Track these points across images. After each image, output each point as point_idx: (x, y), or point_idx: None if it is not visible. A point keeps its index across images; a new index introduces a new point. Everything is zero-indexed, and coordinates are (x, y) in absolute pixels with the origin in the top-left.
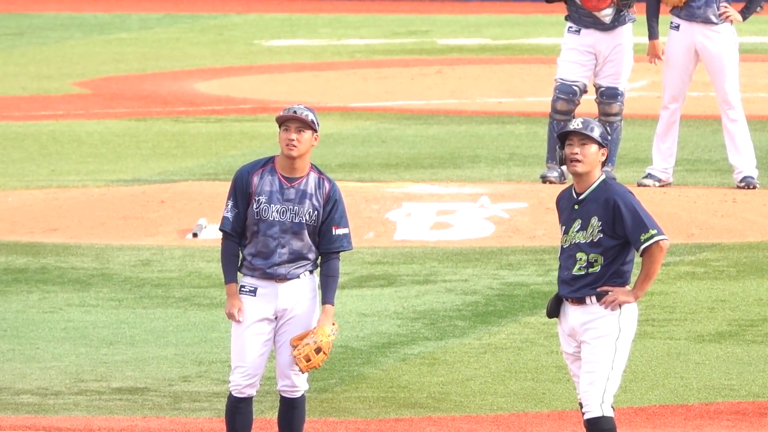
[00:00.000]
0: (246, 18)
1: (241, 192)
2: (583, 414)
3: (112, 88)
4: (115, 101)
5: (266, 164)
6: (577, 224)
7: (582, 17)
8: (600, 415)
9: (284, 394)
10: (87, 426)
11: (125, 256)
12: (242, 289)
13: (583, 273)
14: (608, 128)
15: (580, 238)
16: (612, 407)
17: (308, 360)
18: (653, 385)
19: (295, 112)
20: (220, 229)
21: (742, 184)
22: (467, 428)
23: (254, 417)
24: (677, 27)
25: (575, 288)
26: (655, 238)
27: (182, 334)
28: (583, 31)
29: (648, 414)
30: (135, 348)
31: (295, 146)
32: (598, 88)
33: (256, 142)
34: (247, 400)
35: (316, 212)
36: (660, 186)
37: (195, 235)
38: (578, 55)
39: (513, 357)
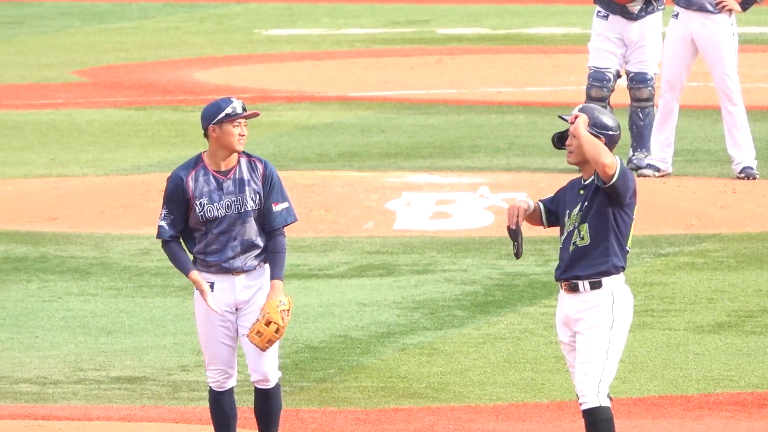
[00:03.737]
0: (246, 7)
1: (177, 198)
2: (580, 405)
3: (112, 77)
4: (115, 90)
5: (197, 164)
6: (578, 208)
7: (611, 3)
8: (597, 405)
9: (257, 386)
10: (86, 415)
11: (125, 245)
12: None
13: (574, 248)
14: (640, 114)
15: (579, 219)
16: (609, 397)
17: (260, 335)
18: (652, 375)
19: (244, 108)
20: (158, 238)
21: (742, 175)
22: (466, 418)
23: (239, 405)
24: (676, 15)
25: (567, 264)
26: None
27: (181, 324)
28: (611, 17)
29: (647, 404)
30: (134, 337)
31: (244, 139)
32: (628, 74)
33: (255, 131)
34: (228, 392)
35: (258, 195)
36: (659, 176)
37: None
38: (607, 42)
39: (512, 347)
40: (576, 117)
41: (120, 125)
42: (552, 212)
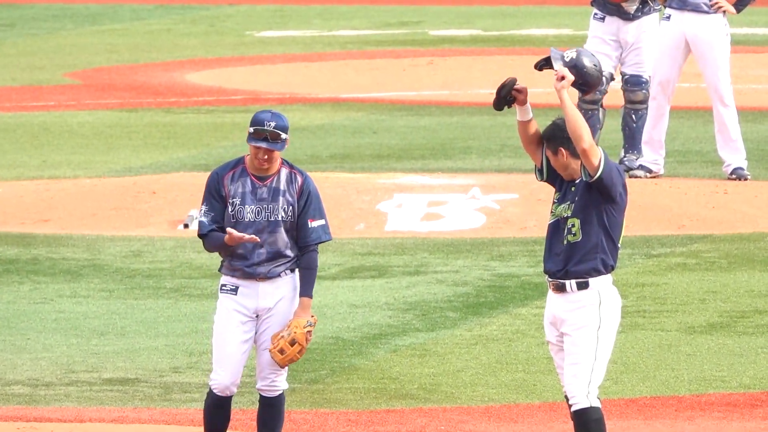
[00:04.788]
0: (238, 9)
1: (216, 194)
2: (570, 406)
3: (104, 79)
4: (107, 92)
5: (237, 165)
6: (567, 202)
7: (607, 3)
8: (587, 405)
9: (263, 393)
10: (78, 417)
11: (116, 247)
12: (223, 287)
13: (566, 243)
14: (633, 116)
15: (568, 211)
16: (598, 398)
17: (282, 353)
18: (644, 376)
19: (266, 138)
20: (199, 235)
21: (734, 176)
22: (458, 419)
23: (238, 407)
24: (668, 17)
25: (562, 261)
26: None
27: (173, 325)
28: (608, 18)
29: (639, 405)
30: (126, 339)
31: (267, 164)
32: (623, 75)
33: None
34: (228, 399)
35: (291, 207)
36: (651, 177)
37: (186, 226)
38: (602, 45)
39: (504, 348)
40: (563, 77)
41: (111, 127)
42: (551, 168)
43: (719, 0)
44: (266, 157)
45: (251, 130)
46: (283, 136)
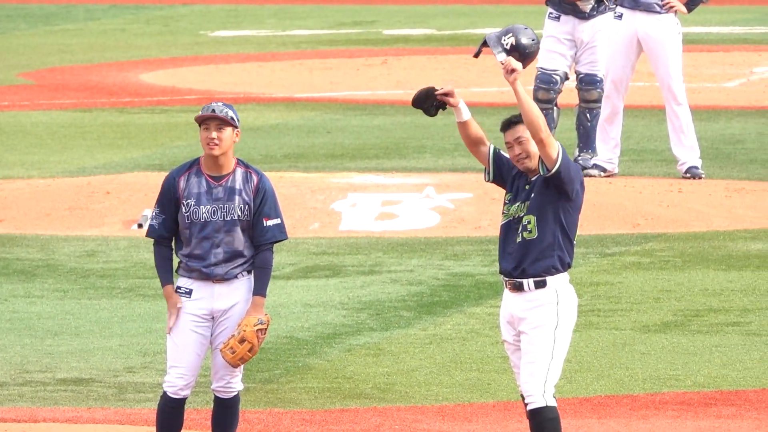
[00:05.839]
0: (192, 9)
1: (168, 197)
2: (526, 405)
3: (58, 79)
4: (61, 92)
5: (192, 166)
6: (521, 200)
7: (562, 2)
8: (543, 405)
9: (218, 394)
10: (32, 417)
11: (70, 247)
12: (178, 289)
13: (521, 240)
14: (588, 114)
15: (522, 210)
16: (554, 397)
17: (233, 351)
18: (599, 375)
19: (213, 110)
20: (147, 236)
21: (688, 174)
22: (412, 419)
23: (193, 407)
24: (620, 16)
25: (516, 259)
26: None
27: (127, 325)
28: (563, 17)
29: (593, 404)
30: (80, 339)
31: (216, 144)
32: (578, 74)
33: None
34: (181, 402)
35: (247, 206)
36: (605, 176)
37: (140, 226)
38: (557, 44)
39: (458, 347)
40: (513, 69)
41: (66, 127)
42: (498, 168)
43: (671, 0)
44: (215, 135)
45: (198, 120)
46: (230, 113)
